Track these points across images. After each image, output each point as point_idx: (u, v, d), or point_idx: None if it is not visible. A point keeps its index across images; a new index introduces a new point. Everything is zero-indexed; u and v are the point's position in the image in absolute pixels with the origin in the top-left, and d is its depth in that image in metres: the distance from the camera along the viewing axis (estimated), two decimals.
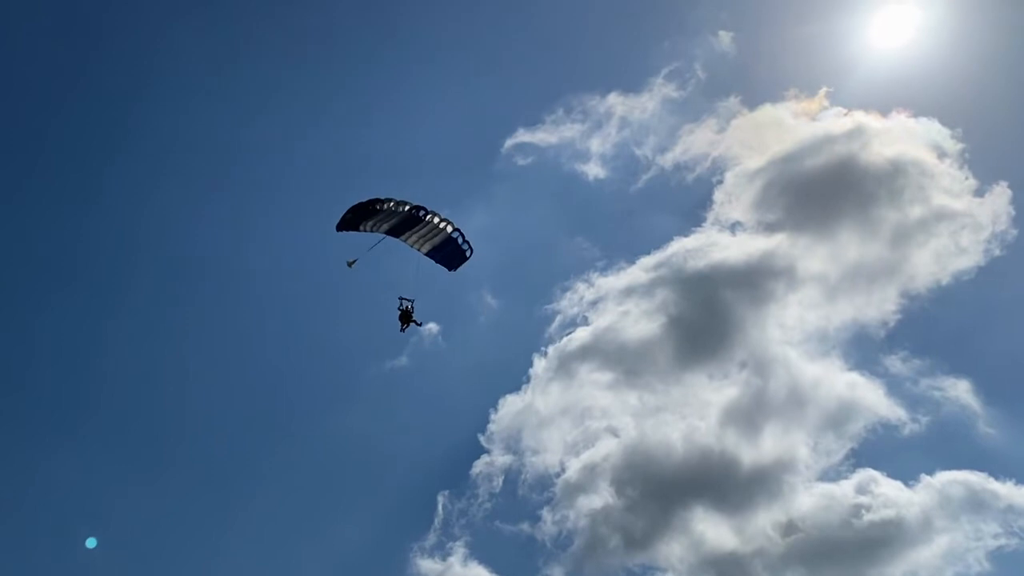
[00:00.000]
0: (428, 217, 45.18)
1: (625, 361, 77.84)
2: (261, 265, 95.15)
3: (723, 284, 78.40)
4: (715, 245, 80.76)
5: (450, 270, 47.67)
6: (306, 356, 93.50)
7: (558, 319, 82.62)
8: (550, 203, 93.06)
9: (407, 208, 44.75)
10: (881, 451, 76.72)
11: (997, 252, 77.30)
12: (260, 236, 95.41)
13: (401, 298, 49.19)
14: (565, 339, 79.55)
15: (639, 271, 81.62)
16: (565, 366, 78.70)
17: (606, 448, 77.21)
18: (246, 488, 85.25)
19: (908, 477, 73.91)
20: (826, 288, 78.36)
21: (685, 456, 75.14)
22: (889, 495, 72.29)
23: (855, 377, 77.46)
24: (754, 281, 78.15)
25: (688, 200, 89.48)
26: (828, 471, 74.67)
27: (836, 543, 70.64)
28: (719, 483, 73.58)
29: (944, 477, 73.15)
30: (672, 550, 71.99)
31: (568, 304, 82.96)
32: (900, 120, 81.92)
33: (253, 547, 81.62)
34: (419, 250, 46.58)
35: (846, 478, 73.99)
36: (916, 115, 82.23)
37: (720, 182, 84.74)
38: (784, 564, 69.94)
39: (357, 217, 44.74)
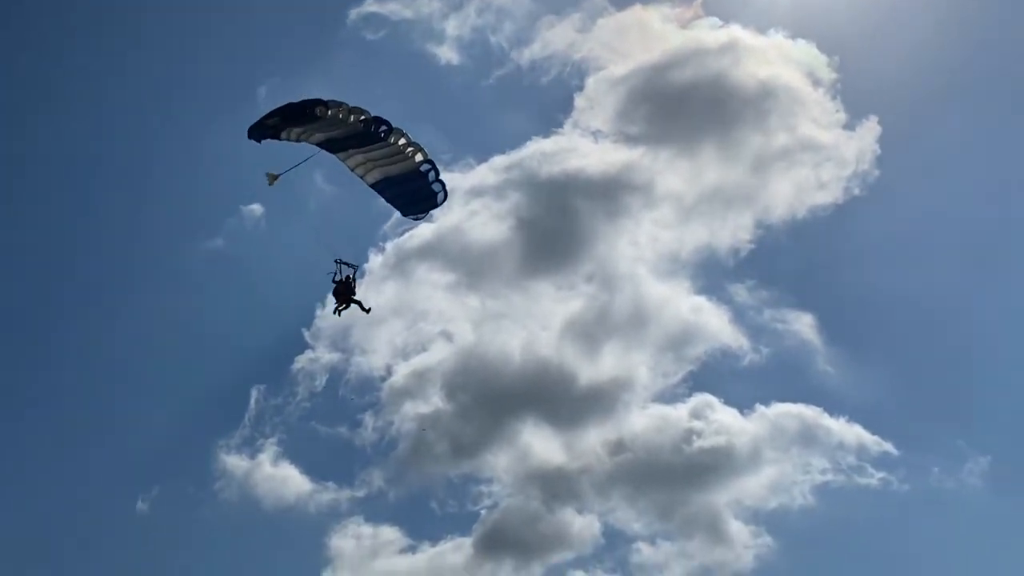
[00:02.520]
0: (390, 137, 29.91)
1: (468, 264, 73.06)
2: (69, 137, 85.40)
3: (578, 193, 73.94)
4: (574, 151, 74.86)
5: (406, 215, 32.91)
6: (110, 230, 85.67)
7: (395, 215, 72.88)
8: (396, 85, 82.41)
9: (360, 119, 29.40)
10: (720, 377, 75.10)
11: (857, 191, 74.01)
12: (70, 107, 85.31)
13: (339, 262, 33.88)
14: (405, 235, 73.10)
15: (489, 171, 74.90)
16: (403, 264, 73.19)
17: (439, 353, 73.77)
18: (39, 369, 79.91)
19: (744, 406, 72.43)
20: (682, 208, 75.13)
21: (522, 366, 72.09)
22: (723, 422, 71.21)
23: (701, 301, 75.04)
24: (610, 193, 74.14)
25: (545, 102, 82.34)
26: (664, 393, 73.16)
27: (664, 466, 70.07)
28: (553, 397, 71.28)
29: (779, 409, 71.97)
30: (499, 461, 70.56)
31: None
32: (777, 40, 75.46)
33: (45, 434, 77.03)
34: (363, 177, 31.48)
35: (682, 401, 72.66)
36: (794, 36, 75.93)
37: (580, 88, 78.34)
38: (610, 483, 69.17)
39: (285, 122, 29.06)
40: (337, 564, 68.39)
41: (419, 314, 73.65)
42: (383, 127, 29.48)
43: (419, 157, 30.59)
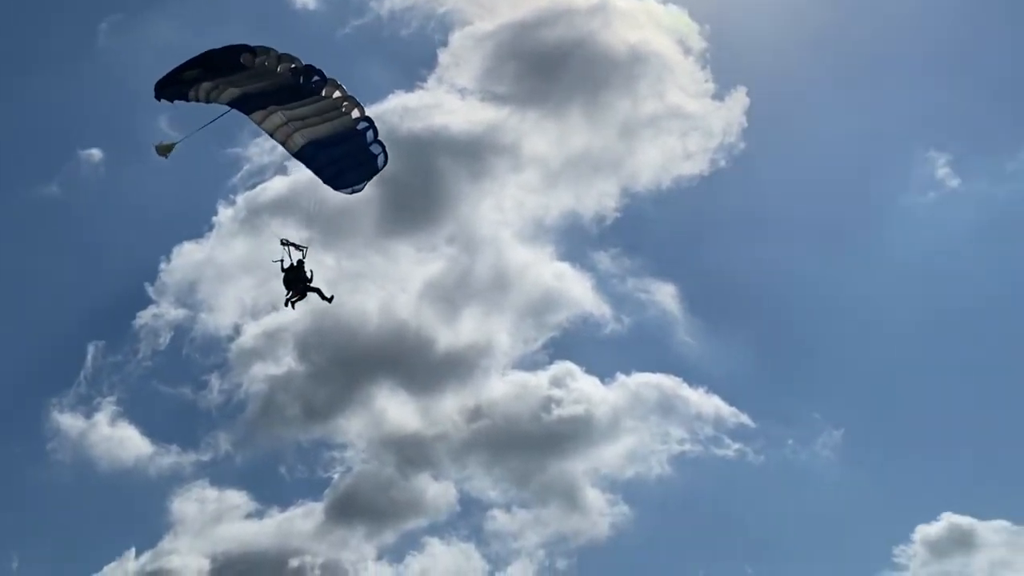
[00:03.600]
0: (322, 89, 24.96)
1: (323, 221, 68.21)
2: None
3: (441, 152, 70.77)
4: (438, 108, 71.94)
5: (339, 188, 27.99)
6: None
7: (246, 167, 72.91)
8: (247, 28, 79.13)
9: (291, 68, 24.26)
10: (581, 345, 74.79)
11: (722, 163, 74.13)
12: None
13: (286, 243, 28.82)
14: (258, 188, 69.31)
15: None
16: (254, 219, 68.74)
17: (292, 313, 67.94)
18: None
19: (604, 374, 72.33)
20: (548, 173, 73.81)
21: (379, 329, 69.74)
22: (583, 390, 70.39)
23: (564, 268, 74.09)
24: (475, 154, 71.69)
25: (407, 55, 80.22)
26: (525, 359, 71.99)
27: (522, 434, 68.81)
28: (411, 361, 69.35)
29: (639, 378, 71.95)
30: (352, 426, 69.08)
31: (258, 151, 71.62)
32: (648, 4, 75.30)
33: None
34: (284, 143, 26.43)
35: (543, 369, 71.46)
36: (666, 1, 76.23)
37: (444, 43, 75.82)
38: (467, 450, 68.19)
39: (201, 74, 23.64)
40: (179, 529, 66.12)
41: (271, 272, 68.84)
42: (315, 77, 24.54)
43: (356, 113, 25.77)
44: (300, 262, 29.55)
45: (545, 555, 65.47)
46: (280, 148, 26.47)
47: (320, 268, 68.47)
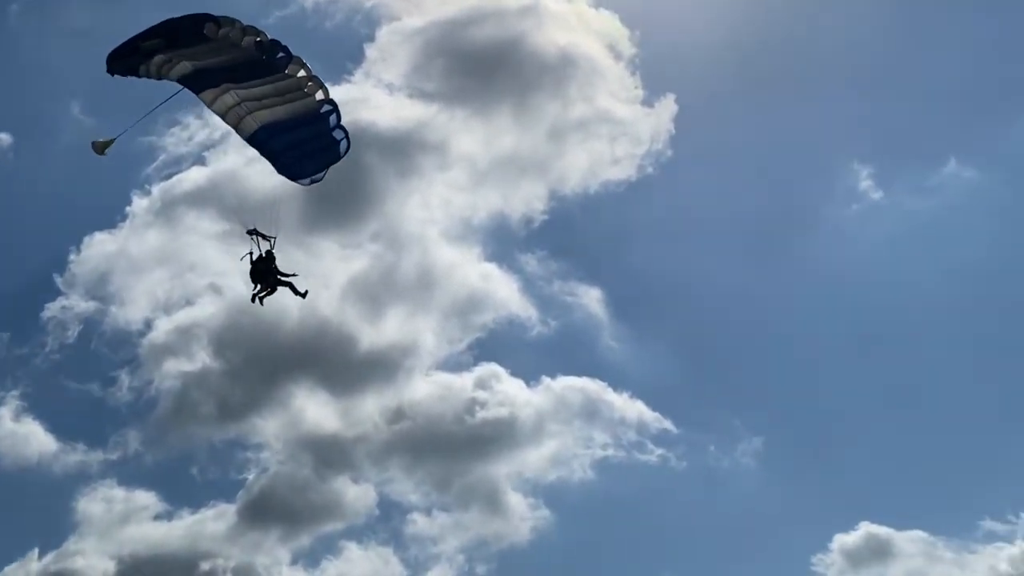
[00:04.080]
0: (286, 66, 23.31)
1: (244, 214, 67.26)
2: None
3: (368, 147, 68.17)
4: (365, 103, 70.29)
5: (297, 178, 26.21)
6: None
7: (162, 157, 71.04)
8: (165, 14, 72.70)
9: (255, 42, 22.57)
10: (507, 347, 74.88)
11: (650, 170, 74.79)
12: None
13: (254, 233, 26.73)
14: (175, 179, 68.51)
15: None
16: (169, 210, 68.38)
17: (207, 307, 69.83)
18: None
19: (530, 377, 72.43)
20: (475, 172, 73.14)
21: (299, 326, 66.90)
22: (508, 392, 70.37)
23: (491, 269, 74.05)
24: (402, 150, 70.35)
25: (333, 50, 77.38)
26: (449, 360, 72.09)
27: (445, 436, 68.60)
28: (331, 359, 68.18)
29: (564, 382, 71.93)
30: (269, 425, 68.00)
31: (175, 141, 70.52)
32: (579, 7, 74.96)
33: None
34: (237, 126, 24.59)
35: (468, 370, 71.55)
36: (597, 5, 76.17)
37: (371, 37, 75.62)
38: (387, 452, 67.63)
39: (160, 45, 21.88)
40: (84, 529, 64.96)
41: (186, 265, 68.55)
42: (280, 54, 22.90)
43: (320, 95, 24.12)
44: (269, 253, 27.42)
45: (465, 560, 65.26)
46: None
47: (237, 262, 65.69)
